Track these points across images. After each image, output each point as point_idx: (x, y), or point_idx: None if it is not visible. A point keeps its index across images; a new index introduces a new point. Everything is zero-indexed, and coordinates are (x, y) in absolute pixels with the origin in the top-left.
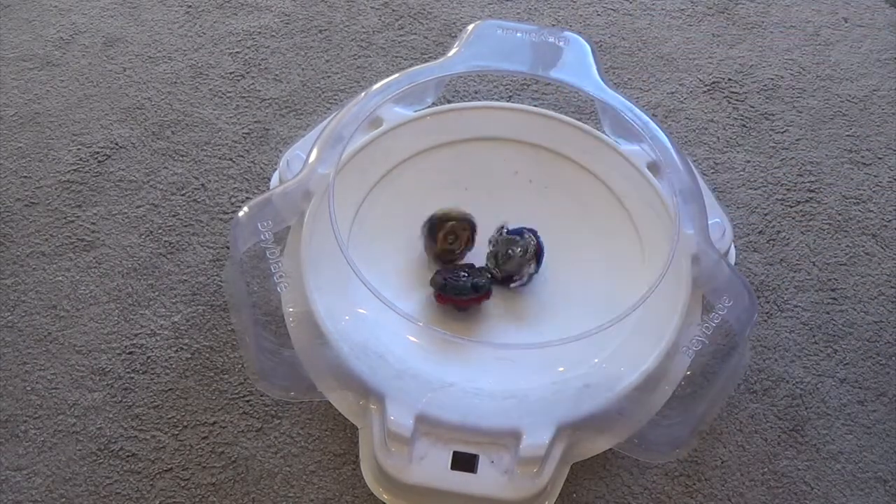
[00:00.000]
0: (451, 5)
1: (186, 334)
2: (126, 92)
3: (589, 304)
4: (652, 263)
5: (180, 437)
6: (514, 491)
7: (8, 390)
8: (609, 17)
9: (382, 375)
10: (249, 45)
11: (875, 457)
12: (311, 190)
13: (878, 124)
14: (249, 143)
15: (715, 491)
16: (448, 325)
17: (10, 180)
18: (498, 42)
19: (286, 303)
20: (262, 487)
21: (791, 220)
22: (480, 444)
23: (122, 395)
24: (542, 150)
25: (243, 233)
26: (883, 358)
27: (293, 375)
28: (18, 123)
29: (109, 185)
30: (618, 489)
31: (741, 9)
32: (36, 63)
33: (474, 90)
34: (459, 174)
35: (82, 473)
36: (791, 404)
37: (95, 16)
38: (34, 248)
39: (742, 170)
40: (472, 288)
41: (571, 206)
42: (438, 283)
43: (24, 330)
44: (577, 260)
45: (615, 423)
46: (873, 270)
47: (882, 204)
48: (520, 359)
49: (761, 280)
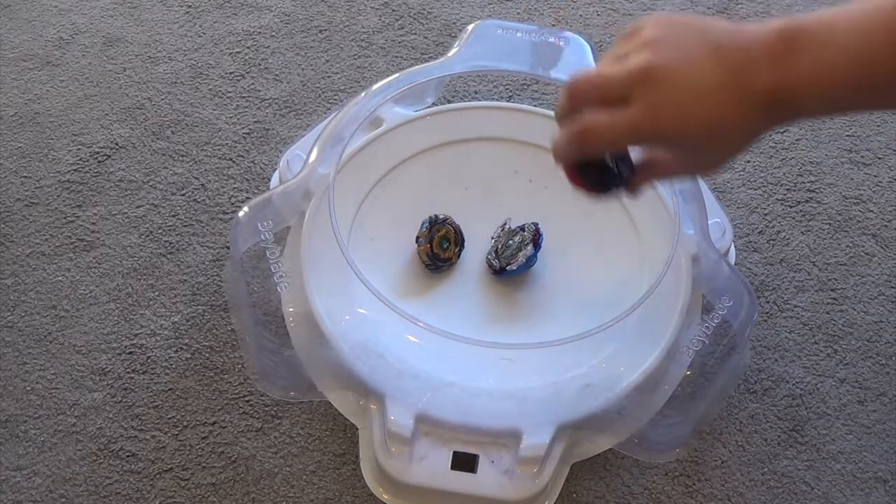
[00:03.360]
0: (451, 5)
1: (186, 334)
2: (126, 92)
3: (589, 304)
4: (652, 263)
5: (180, 437)
6: (514, 491)
7: (8, 390)
8: (609, 17)
9: (382, 375)
10: (249, 45)
11: (875, 457)
12: (311, 190)
13: (878, 124)
14: (249, 143)
15: (715, 491)
16: (448, 325)
17: (10, 180)
18: (498, 42)
19: (286, 303)
20: (262, 487)
21: (791, 220)
22: (480, 444)
23: (122, 395)
24: (542, 150)
25: (243, 233)
26: (883, 358)
27: (293, 375)
28: (18, 123)
29: (109, 185)
30: (618, 489)
31: (741, 9)
32: (36, 63)
33: (474, 90)
34: (459, 174)
35: (82, 473)
36: (791, 404)
37: (95, 16)
38: (34, 248)
39: (742, 170)
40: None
41: (571, 206)
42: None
43: (24, 330)
44: (577, 260)
45: (615, 423)
46: (873, 270)
47: (882, 204)
48: (520, 358)
49: (761, 280)
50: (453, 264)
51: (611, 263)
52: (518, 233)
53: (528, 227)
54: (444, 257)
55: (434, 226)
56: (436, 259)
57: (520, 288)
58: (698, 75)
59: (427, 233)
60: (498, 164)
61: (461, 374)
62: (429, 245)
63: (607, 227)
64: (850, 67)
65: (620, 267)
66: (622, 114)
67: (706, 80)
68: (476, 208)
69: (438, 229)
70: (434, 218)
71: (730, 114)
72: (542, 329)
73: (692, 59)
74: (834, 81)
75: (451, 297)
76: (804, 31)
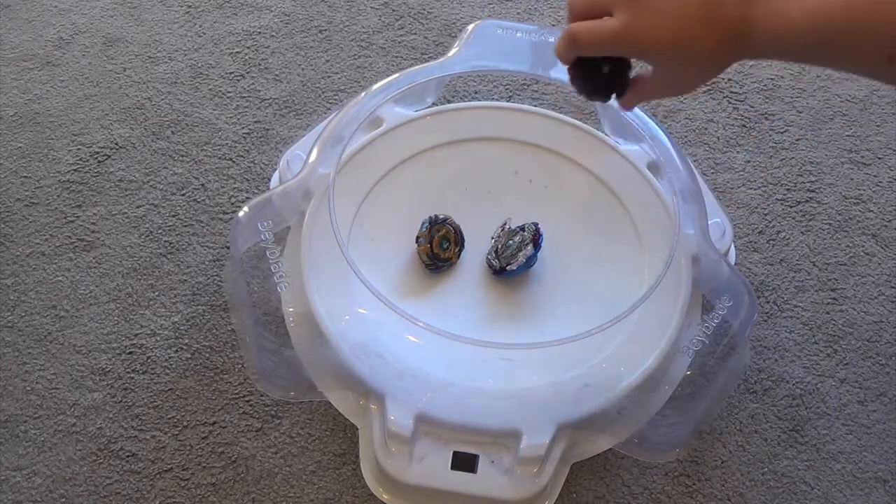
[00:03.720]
0: (451, 5)
1: (186, 334)
2: (126, 92)
3: (589, 304)
4: (652, 263)
5: (180, 437)
6: (514, 491)
7: (8, 390)
8: None
9: (382, 375)
10: (249, 45)
11: (875, 457)
12: (311, 190)
13: (878, 124)
14: (249, 143)
15: (715, 491)
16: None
17: (10, 180)
18: (498, 42)
19: (286, 303)
20: (262, 487)
21: (791, 220)
22: (480, 444)
23: (122, 395)
24: (542, 150)
25: (243, 233)
26: (883, 358)
27: (293, 375)
28: (18, 123)
29: (109, 185)
30: (618, 489)
31: None
32: (36, 63)
33: (474, 90)
34: (459, 174)
35: (82, 473)
36: (791, 404)
37: (95, 16)
38: (34, 248)
39: (742, 170)
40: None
41: (571, 206)
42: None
43: (24, 330)
44: (578, 259)
45: (615, 423)
46: (873, 270)
47: (882, 204)
48: (520, 359)
49: (761, 280)
50: (453, 264)
51: (611, 263)
52: (518, 233)
53: (528, 227)
54: (444, 257)
55: (434, 226)
56: (436, 259)
57: (520, 288)
58: (676, 2)
59: (427, 233)
60: (498, 164)
61: (461, 374)
62: (429, 245)
63: (607, 227)
64: (804, 18)
65: (620, 267)
66: (604, 23)
67: (682, 6)
68: (476, 208)
69: (438, 229)
70: (434, 218)
71: (699, 37)
72: (542, 329)
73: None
74: (788, 28)
75: (451, 297)
76: None
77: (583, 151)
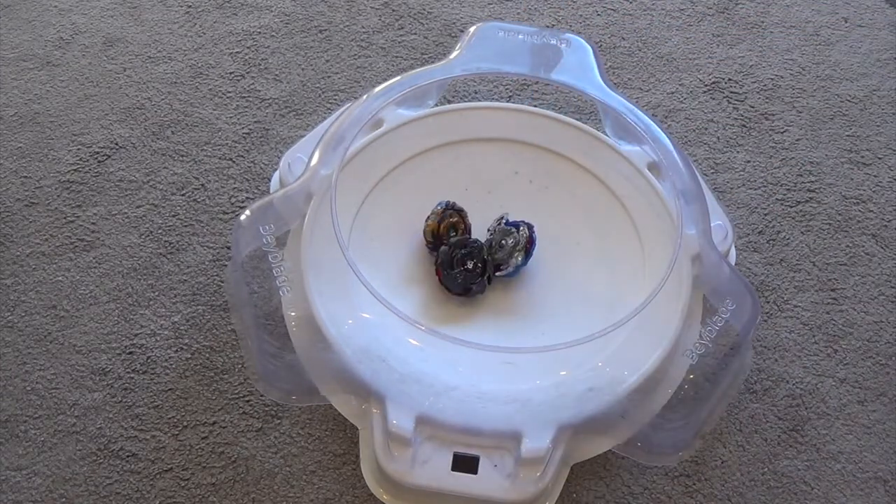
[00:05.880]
0: (451, 5)
1: (186, 334)
2: (126, 92)
3: (590, 306)
4: (653, 264)
5: (180, 437)
6: (515, 492)
7: (8, 390)
8: (609, 17)
9: (385, 379)
10: (249, 45)
11: (875, 457)
12: (312, 193)
13: (878, 124)
14: (249, 143)
15: (715, 491)
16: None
17: (10, 180)
18: (499, 44)
19: (287, 306)
20: (262, 487)
21: (791, 220)
22: (482, 446)
23: (122, 395)
24: (543, 150)
25: (245, 236)
26: (883, 358)
27: (295, 379)
28: (18, 123)
29: (109, 185)
30: (618, 489)
31: (741, 9)
32: (36, 63)
33: (474, 90)
34: (460, 174)
35: (82, 473)
36: (791, 404)
37: (95, 16)
38: (34, 248)
39: (742, 170)
40: (463, 287)
41: (572, 207)
42: (443, 262)
43: (24, 330)
44: (578, 261)
45: (617, 426)
46: (873, 270)
47: (882, 204)
48: (521, 361)
49: (761, 280)
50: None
51: (611, 264)
52: (512, 232)
53: (522, 228)
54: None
55: (447, 210)
56: (438, 241)
57: (520, 288)
58: None
59: (441, 212)
60: (498, 164)
61: (463, 378)
62: (437, 224)
63: (608, 227)
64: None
65: (621, 268)
66: None
67: None
68: (476, 209)
69: (451, 216)
70: (452, 203)
71: None
72: (544, 331)
73: None
74: None
75: (452, 297)
76: None
77: (583, 152)
